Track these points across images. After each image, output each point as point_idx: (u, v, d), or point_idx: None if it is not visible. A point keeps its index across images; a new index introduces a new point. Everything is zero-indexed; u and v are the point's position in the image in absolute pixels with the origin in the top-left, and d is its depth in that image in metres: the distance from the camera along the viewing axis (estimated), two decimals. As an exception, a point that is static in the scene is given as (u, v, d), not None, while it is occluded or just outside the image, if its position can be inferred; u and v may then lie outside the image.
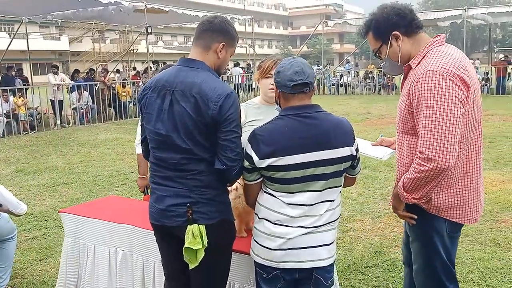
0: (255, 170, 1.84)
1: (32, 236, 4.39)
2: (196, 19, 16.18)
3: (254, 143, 1.80)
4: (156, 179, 1.97)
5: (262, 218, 1.87)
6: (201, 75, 1.87)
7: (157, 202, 1.95)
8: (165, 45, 41.10)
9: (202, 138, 1.83)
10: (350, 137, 1.86)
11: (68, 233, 2.98)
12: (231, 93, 1.83)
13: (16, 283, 3.42)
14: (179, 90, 1.84)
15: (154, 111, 1.91)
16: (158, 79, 1.94)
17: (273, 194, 1.84)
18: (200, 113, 1.79)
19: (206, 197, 1.88)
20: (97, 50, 31.52)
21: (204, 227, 1.87)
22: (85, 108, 12.59)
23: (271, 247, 1.83)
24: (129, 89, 14.01)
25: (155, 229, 2.07)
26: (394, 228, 4.42)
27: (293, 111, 1.82)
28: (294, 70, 1.80)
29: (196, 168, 1.86)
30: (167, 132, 1.86)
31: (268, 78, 2.45)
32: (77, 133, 10.94)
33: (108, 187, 6.14)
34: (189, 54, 1.98)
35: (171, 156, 1.88)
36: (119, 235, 2.73)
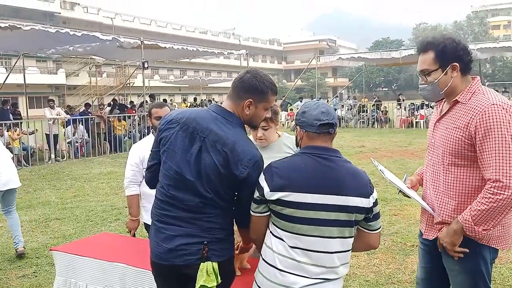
0: (263, 203, 1.82)
1: (23, 274, 4.30)
2: (193, 54, 16.52)
3: (268, 175, 1.80)
4: (164, 218, 1.94)
5: (268, 263, 1.83)
6: (235, 132, 1.89)
7: (164, 242, 1.91)
8: (161, 79, 41.64)
9: (224, 191, 1.88)
10: (366, 189, 1.80)
11: (59, 272, 2.94)
12: (260, 159, 1.89)
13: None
14: (211, 140, 1.86)
15: (179, 150, 1.90)
16: (189, 118, 1.93)
17: (280, 236, 1.81)
18: (228, 170, 1.83)
19: (218, 236, 1.91)
20: (93, 84, 31.87)
21: (217, 264, 1.88)
22: (80, 142, 12.60)
23: None
24: (124, 123, 14.07)
25: (158, 269, 2.01)
26: (389, 264, 4.39)
27: (313, 150, 1.83)
28: (320, 110, 1.82)
29: (213, 212, 1.89)
30: (192, 177, 1.87)
31: (255, 131, 2.49)
32: (71, 167, 10.90)
33: (101, 222, 6.07)
34: (223, 103, 1.99)
35: (189, 198, 1.88)
36: (111, 274, 2.69)
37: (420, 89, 2.22)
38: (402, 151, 12.22)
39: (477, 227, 1.95)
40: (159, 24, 51.68)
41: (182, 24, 56.06)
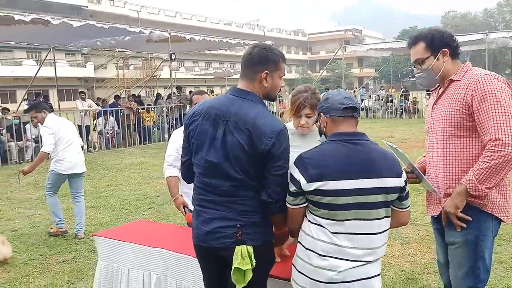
0: (300, 195, 1.84)
1: (63, 259, 4.46)
2: (218, 45, 16.57)
3: (301, 167, 1.81)
4: (202, 202, 2.01)
5: (308, 249, 1.85)
6: (254, 108, 1.91)
7: (203, 224, 1.99)
8: (186, 71, 41.97)
9: (253, 169, 1.89)
10: (397, 168, 1.85)
11: (101, 257, 3.03)
12: (284, 129, 1.89)
13: (48, 306, 3.46)
14: (233, 121, 1.89)
15: (206, 139, 1.96)
16: (209, 107, 1.99)
17: (319, 223, 1.82)
18: (253, 146, 1.85)
19: (253, 220, 1.93)
20: (121, 77, 32.44)
21: (252, 248, 1.90)
22: (111, 133, 12.88)
23: (320, 280, 1.79)
24: (153, 114, 14.28)
25: (199, 251, 2.10)
26: (424, 254, 4.33)
27: (341, 137, 1.85)
28: (343, 95, 1.89)
29: (245, 194, 1.92)
30: (219, 161, 1.91)
31: (297, 118, 2.48)
32: (103, 157, 11.17)
33: (135, 210, 6.21)
34: (239, 84, 2.02)
35: (221, 183, 1.93)
36: (153, 259, 2.76)
37: (417, 78, 2.39)
38: (432, 141, 11.94)
39: (480, 185, 2.05)
40: (184, 16, 51.95)
41: (206, 16, 56.19)
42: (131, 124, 13.38)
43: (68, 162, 5.03)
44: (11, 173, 9.27)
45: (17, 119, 11.10)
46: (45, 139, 4.92)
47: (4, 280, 3.99)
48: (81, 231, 5.08)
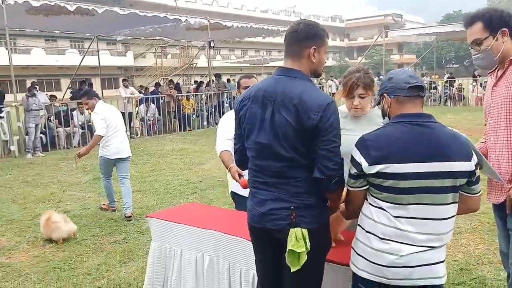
0: (361, 177, 1.80)
1: (114, 240, 4.61)
2: (256, 32, 16.50)
3: (363, 149, 1.77)
4: (256, 184, 2.02)
5: (368, 232, 1.81)
6: (299, 84, 1.89)
7: (258, 205, 1.99)
8: (223, 59, 42.14)
9: (303, 147, 1.85)
10: (468, 151, 1.76)
11: (155, 237, 3.09)
12: (331, 103, 1.84)
13: (103, 284, 3.59)
14: (280, 100, 1.88)
15: (256, 122, 1.95)
16: (256, 90, 1.99)
17: (381, 206, 1.78)
18: (301, 122, 1.82)
19: (308, 202, 1.90)
20: (159, 65, 33.00)
21: (307, 231, 1.87)
22: (152, 120, 13.16)
23: (382, 264, 1.75)
24: (192, 102, 14.46)
25: (253, 232, 2.10)
26: (478, 244, 4.17)
27: (406, 118, 1.78)
28: (408, 74, 1.81)
29: (298, 176, 1.89)
30: (269, 141, 1.90)
31: (350, 99, 2.42)
32: (145, 143, 11.44)
33: (179, 195, 6.33)
34: (284, 63, 2.00)
35: (273, 164, 1.92)
36: (206, 241, 2.79)
37: (474, 60, 2.31)
38: (480, 129, 11.44)
39: None
40: (220, 4, 52.03)
41: (243, 3, 56.01)
42: (172, 111, 13.61)
43: (114, 148, 5.31)
44: (60, 158, 9.68)
45: (65, 106, 11.52)
46: (97, 124, 5.17)
47: (60, 258, 4.18)
48: (128, 210, 5.31)
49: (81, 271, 3.87)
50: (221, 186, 6.73)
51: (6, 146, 10.37)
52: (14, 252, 4.38)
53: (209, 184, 6.92)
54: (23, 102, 10.02)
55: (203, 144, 11.05)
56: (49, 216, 4.50)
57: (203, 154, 9.66)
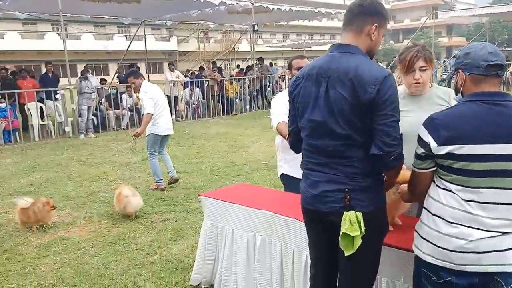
0: (429, 158, 1.73)
1: (164, 218, 4.76)
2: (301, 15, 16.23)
3: (432, 129, 1.70)
4: (310, 165, 1.98)
5: (435, 215, 1.74)
6: (355, 59, 1.83)
7: (311, 187, 1.95)
8: (264, 43, 41.92)
9: (360, 122, 1.79)
10: None
11: (208, 216, 3.16)
12: (389, 75, 1.78)
13: (155, 260, 3.73)
14: (335, 76, 1.83)
15: (310, 99, 1.91)
16: (311, 68, 1.94)
17: (449, 189, 1.71)
18: (357, 97, 1.76)
19: (363, 184, 1.84)
20: (201, 50, 33.32)
21: (361, 215, 1.83)
22: (197, 104, 13.36)
23: (448, 248, 1.69)
24: (236, 86, 14.52)
25: (306, 214, 2.07)
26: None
27: (480, 97, 1.68)
28: (487, 50, 1.68)
29: (353, 155, 1.83)
30: (324, 118, 1.86)
31: (411, 73, 2.33)
32: (190, 126, 11.65)
33: (225, 177, 6.43)
34: (341, 39, 1.95)
35: (328, 143, 1.87)
36: (258, 221, 2.81)
37: None
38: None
39: None
40: (262, -13, 51.53)
41: (285, -14, 55.10)
42: (215, 95, 13.75)
43: (164, 125, 5.65)
44: (110, 139, 10.05)
45: (114, 89, 11.91)
46: (146, 103, 5.43)
47: (114, 234, 4.37)
48: (174, 174, 5.91)
49: (134, 246, 4.04)
50: (265, 170, 6.77)
51: (61, 127, 10.89)
52: (72, 226, 4.62)
53: (254, 167, 6.97)
54: (76, 85, 10.44)
55: (246, 128, 11.11)
56: (120, 191, 4.73)
57: (247, 137, 9.72)
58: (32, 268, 3.65)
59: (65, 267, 3.66)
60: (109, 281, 3.39)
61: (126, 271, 3.53)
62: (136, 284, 3.32)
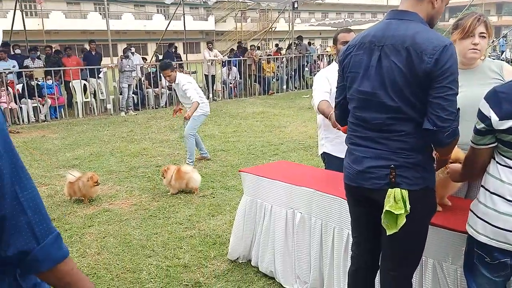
0: (489, 133, 1.64)
1: (203, 194, 4.83)
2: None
3: (495, 102, 1.60)
4: (355, 139, 1.90)
5: (494, 193, 1.65)
6: (413, 26, 1.73)
7: (355, 163, 1.88)
8: (302, 22, 41.17)
9: (412, 95, 1.70)
10: None
11: (247, 191, 3.16)
12: (449, 45, 1.66)
13: (194, 234, 3.80)
14: (389, 44, 1.73)
15: (360, 69, 1.83)
16: (364, 36, 1.85)
17: (510, 165, 1.61)
18: (412, 67, 1.66)
19: (411, 161, 1.76)
20: (238, 29, 33.13)
21: (407, 192, 1.75)
22: (233, 83, 13.36)
23: (506, 228, 1.60)
24: (273, 65, 14.39)
25: (349, 191, 2.02)
26: None
27: None
28: None
29: (402, 129, 1.74)
30: (373, 89, 1.77)
31: (469, 38, 2.21)
32: (226, 106, 11.69)
33: (261, 156, 6.43)
34: (400, 5, 1.84)
35: (376, 116, 1.79)
36: (298, 198, 2.79)
37: None
38: None
39: None
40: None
41: (325, -37, 53.56)
42: (252, 74, 13.68)
43: (207, 106, 6.01)
44: (150, 117, 10.26)
45: (154, 68, 12.08)
46: (193, 93, 5.70)
47: (155, 208, 4.48)
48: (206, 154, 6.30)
49: (174, 220, 4.13)
50: (302, 149, 6.71)
51: (103, 105, 11.21)
52: (115, 199, 4.78)
53: (291, 147, 6.93)
54: (118, 63, 10.67)
55: (283, 108, 11.03)
56: (179, 168, 4.88)
57: (284, 117, 9.65)
58: (78, 237, 3.81)
59: (108, 237, 3.80)
60: (150, 252, 3.49)
61: (166, 243, 3.62)
62: (176, 256, 3.40)
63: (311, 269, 2.74)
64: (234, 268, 3.19)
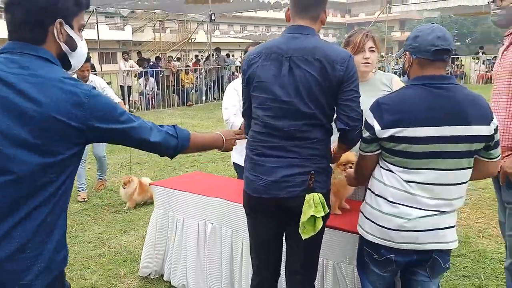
0: (374, 141, 1.76)
1: (115, 210, 4.61)
2: (257, 5, 16.19)
3: (377, 112, 1.72)
4: (263, 150, 1.89)
5: (378, 195, 1.78)
6: (315, 40, 1.85)
7: (265, 174, 1.87)
8: (221, 34, 41.60)
9: (325, 101, 1.81)
10: (487, 115, 1.69)
11: (158, 205, 3.08)
12: (351, 56, 1.84)
13: (104, 252, 3.60)
14: (298, 56, 1.81)
15: (269, 79, 1.86)
16: (268, 47, 1.90)
17: (391, 170, 1.74)
18: (326, 76, 1.78)
19: (321, 166, 1.86)
20: (157, 40, 32.54)
21: (322, 195, 1.84)
22: (151, 94, 13.05)
23: (389, 227, 1.73)
24: (191, 76, 14.31)
25: (258, 205, 1.95)
26: (478, 219, 4.20)
27: (424, 80, 1.71)
28: (436, 35, 1.68)
29: (315, 136, 1.83)
30: (289, 97, 1.82)
31: (360, 53, 2.38)
32: (144, 117, 11.04)
33: (178, 167, 6.32)
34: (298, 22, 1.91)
35: (291, 123, 1.83)
36: (209, 209, 2.77)
37: (493, 15, 2.24)
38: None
39: None
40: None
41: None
42: (171, 86, 13.48)
43: None
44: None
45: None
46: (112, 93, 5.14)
47: (61, 227, 4.18)
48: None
49: (81, 239, 3.88)
50: (220, 160, 6.72)
51: None
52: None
53: (209, 157, 6.90)
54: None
55: (202, 119, 10.99)
56: (140, 180, 4.68)
57: (203, 128, 9.61)
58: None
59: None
60: (53, 275, 3.24)
61: (72, 264, 3.39)
62: (82, 277, 3.19)
63: (222, 279, 2.73)
64: (145, 284, 3.07)
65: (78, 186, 4.96)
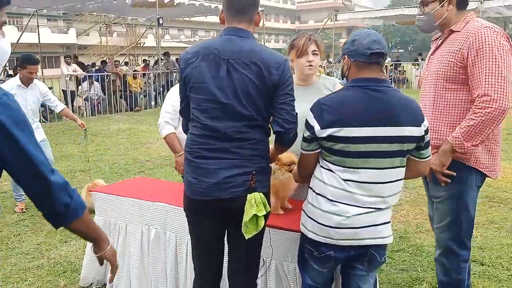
0: (314, 140, 1.81)
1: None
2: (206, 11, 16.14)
3: (317, 112, 1.78)
4: (203, 152, 1.88)
5: (318, 194, 1.84)
6: (251, 43, 1.87)
7: (206, 177, 1.86)
8: (172, 39, 41.08)
9: (262, 104, 1.85)
10: (418, 117, 1.79)
11: (99, 212, 2.98)
12: (287, 60, 1.89)
13: (43, 263, 3.43)
14: (236, 58, 1.82)
15: (207, 80, 1.85)
16: (204, 48, 1.88)
17: (331, 169, 1.80)
18: (263, 79, 1.81)
19: (262, 166, 1.90)
20: (104, 44, 31.56)
21: (263, 195, 1.86)
22: (96, 99, 12.61)
23: (328, 225, 1.79)
24: (140, 81, 14.00)
25: (199, 208, 1.94)
26: (416, 215, 4.41)
27: (361, 82, 1.79)
28: (371, 39, 1.77)
29: (255, 137, 1.86)
30: (227, 99, 1.82)
31: (304, 56, 2.44)
32: (89, 123, 10.89)
33: (125, 174, 6.16)
34: (233, 23, 1.92)
35: (231, 124, 1.84)
36: (152, 214, 2.72)
37: (417, 20, 2.36)
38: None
39: (466, 142, 2.06)
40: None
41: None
42: (117, 90, 13.11)
43: None
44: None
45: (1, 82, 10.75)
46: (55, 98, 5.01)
47: (-4, 239, 3.94)
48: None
49: (19, 250, 3.68)
50: (169, 166, 6.62)
51: None
52: None
53: (157, 163, 6.79)
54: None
55: (150, 124, 10.76)
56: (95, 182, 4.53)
57: (151, 133, 9.43)
58: None
59: None
60: (-15, 291, 3.05)
61: (9, 277, 3.20)
62: (18, 291, 3.02)
63: (167, 284, 2.69)
64: (86, 295, 2.96)
65: (16, 197, 4.69)
